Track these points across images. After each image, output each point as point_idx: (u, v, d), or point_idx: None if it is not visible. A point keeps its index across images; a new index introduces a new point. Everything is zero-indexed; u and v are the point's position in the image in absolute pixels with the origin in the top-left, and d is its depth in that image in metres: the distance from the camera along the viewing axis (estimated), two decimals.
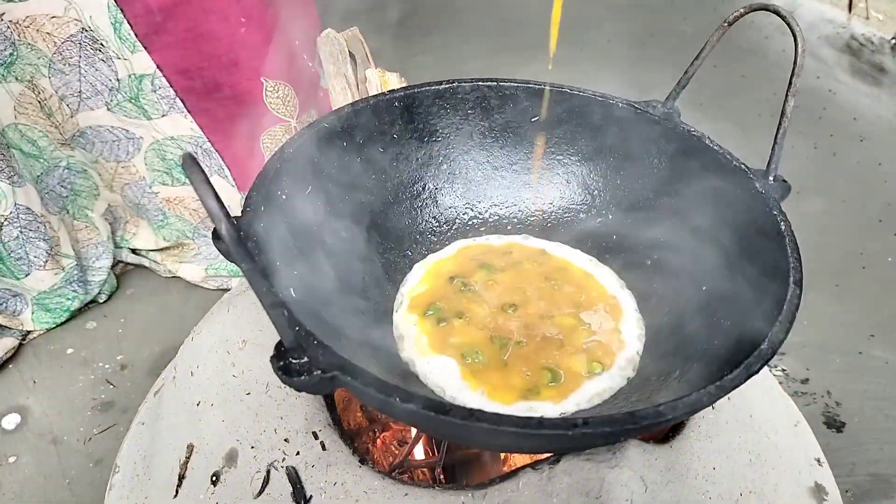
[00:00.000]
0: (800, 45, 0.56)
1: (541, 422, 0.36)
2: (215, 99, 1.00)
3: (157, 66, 0.95)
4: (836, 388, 1.04)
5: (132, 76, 0.97)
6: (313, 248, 0.56)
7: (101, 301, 1.17)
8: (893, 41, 1.87)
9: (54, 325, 1.11)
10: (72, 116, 1.02)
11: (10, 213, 1.00)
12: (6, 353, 1.05)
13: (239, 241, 0.34)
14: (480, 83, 0.67)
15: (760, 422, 0.60)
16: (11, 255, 1.02)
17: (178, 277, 1.22)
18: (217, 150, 1.06)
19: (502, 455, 0.60)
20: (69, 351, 1.09)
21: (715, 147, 0.59)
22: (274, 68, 1.00)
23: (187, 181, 1.08)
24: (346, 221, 0.61)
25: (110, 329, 1.13)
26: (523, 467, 0.48)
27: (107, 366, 1.07)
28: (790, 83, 0.57)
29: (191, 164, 0.35)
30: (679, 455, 0.51)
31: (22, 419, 0.98)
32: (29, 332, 1.10)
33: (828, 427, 0.99)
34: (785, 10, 0.57)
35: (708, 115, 1.60)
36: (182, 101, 1.00)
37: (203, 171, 0.35)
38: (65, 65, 0.96)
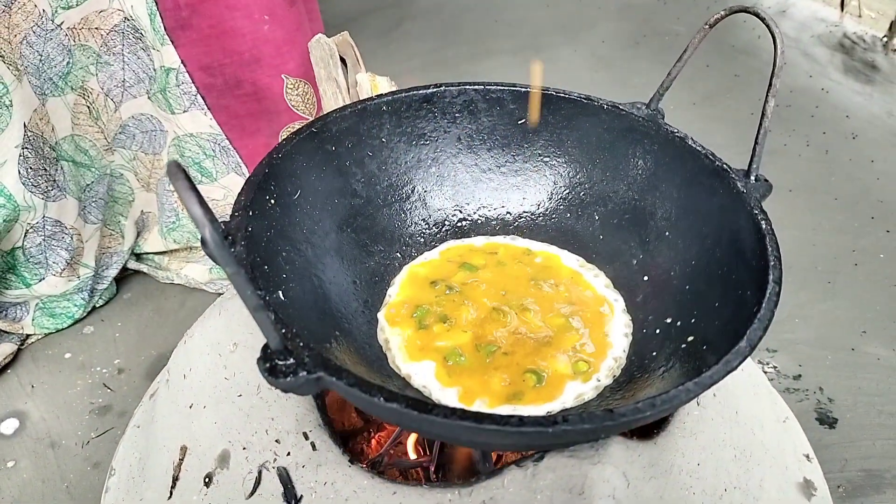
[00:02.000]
0: (779, 47, 0.56)
1: (521, 420, 0.37)
2: (236, 96, 1.01)
3: (182, 62, 0.97)
4: (829, 385, 1.04)
5: (163, 67, 0.99)
6: (302, 251, 0.57)
7: (99, 306, 1.18)
8: (885, 39, 1.88)
9: (54, 331, 1.12)
10: (115, 111, 1.03)
11: (38, 223, 1.01)
12: (5, 359, 1.06)
13: (223, 245, 0.34)
14: (467, 87, 0.68)
15: (746, 418, 0.61)
16: (30, 260, 1.03)
17: (175, 283, 1.22)
18: (235, 148, 1.07)
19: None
20: (67, 355, 1.10)
21: (697, 147, 0.60)
22: (295, 66, 1.02)
23: (204, 180, 1.10)
24: (335, 224, 0.62)
25: (107, 334, 1.14)
26: (508, 464, 0.48)
27: (104, 370, 1.07)
28: (770, 84, 0.57)
29: (175, 170, 0.35)
30: (663, 451, 0.51)
31: (20, 424, 0.99)
32: (27, 337, 1.11)
33: (820, 423, 0.99)
34: (765, 11, 0.58)
35: (701, 114, 1.61)
36: (203, 97, 1.01)
37: (189, 178, 0.35)
38: (110, 55, 0.99)
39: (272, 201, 0.55)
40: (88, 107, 1.01)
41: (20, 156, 0.94)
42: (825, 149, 1.56)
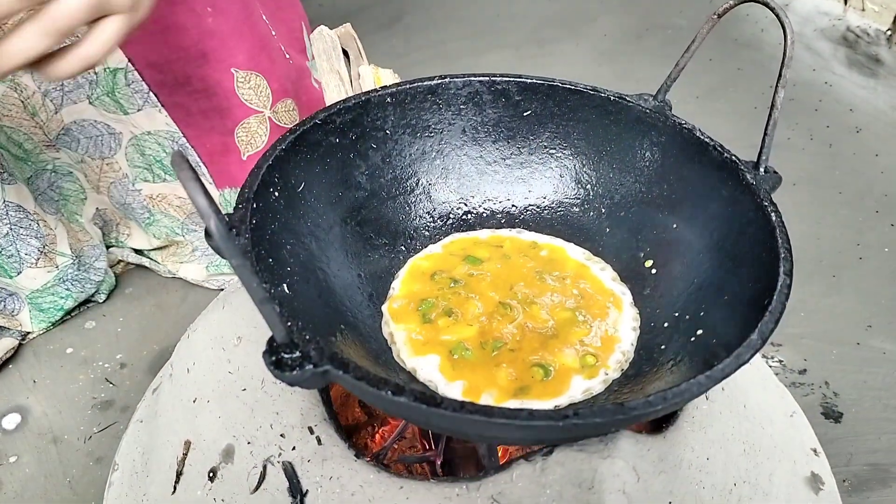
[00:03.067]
0: (789, 37, 0.56)
1: (532, 413, 0.37)
2: (187, 93, 0.99)
3: (129, 60, 0.94)
4: (834, 379, 1.04)
5: (107, 69, 0.96)
6: (306, 244, 0.57)
7: (100, 301, 1.17)
8: (889, 33, 1.87)
9: (50, 325, 1.11)
10: (56, 113, 1.01)
11: (0, 209, 0.99)
12: (6, 354, 1.05)
13: (229, 237, 0.34)
14: (473, 78, 0.67)
15: (755, 412, 0.61)
16: (3, 252, 1.01)
17: (177, 277, 1.22)
18: (192, 146, 1.05)
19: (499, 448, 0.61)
20: (69, 350, 1.09)
21: (706, 139, 0.60)
22: (244, 58, 0.98)
23: (168, 177, 1.08)
24: (339, 217, 0.62)
25: (109, 328, 1.13)
26: (517, 459, 0.48)
27: (106, 365, 1.07)
28: (780, 75, 0.57)
29: (179, 160, 0.35)
30: (672, 445, 0.51)
31: (22, 419, 0.99)
32: (28, 333, 1.10)
33: (825, 417, 0.99)
34: (774, 1, 0.57)
35: (704, 107, 1.60)
36: (155, 94, 0.98)
37: (192, 168, 0.35)
38: None
39: (276, 193, 0.54)
40: (23, 102, 0.98)
41: None
42: (829, 142, 1.55)
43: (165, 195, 1.12)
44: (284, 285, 0.49)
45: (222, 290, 1.18)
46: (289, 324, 0.40)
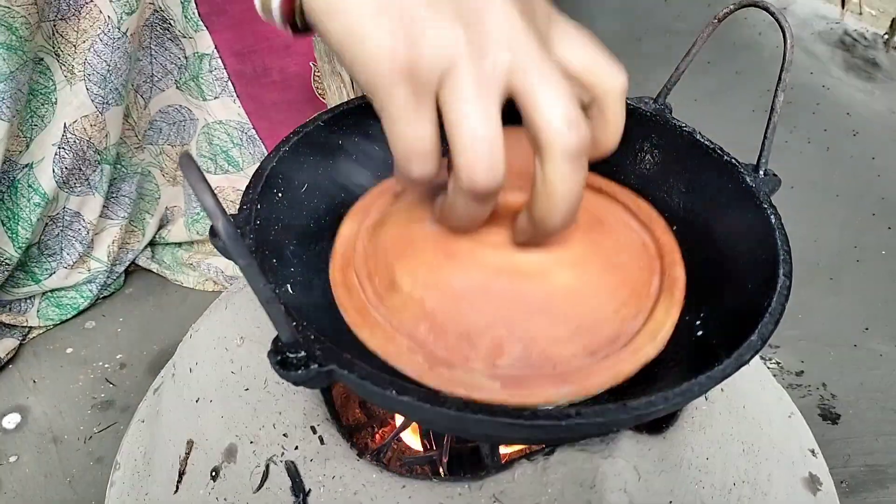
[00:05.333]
0: (788, 41, 0.56)
1: (535, 413, 0.37)
2: (263, 84, 1.01)
3: (216, 47, 0.97)
4: (832, 381, 1.05)
5: (196, 54, 0.99)
6: (311, 246, 0.57)
7: (103, 297, 1.17)
8: (886, 37, 1.88)
9: (59, 322, 1.12)
10: (145, 108, 1.03)
11: (58, 213, 1.02)
12: (7, 354, 1.06)
13: (237, 236, 0.34)
14: None
15: (754, 413, 0.61)
16: (45, 252, 1.03)
17: (184, 286, 1.22)
18: (261, 139, 1.07)
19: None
20: (68, 350, 1.09)
21: (706, 142, 0.60)
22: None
23: (231, 169, 1.10)
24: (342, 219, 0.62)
25: (109, 328, 1.14)
26: (519, 458, 0.48)
27: (106, 365, 1.07)
28: (779, 79, 0.57)
29: (187, 162, 0.35)
30: (672, 445, 0.51)
31: (22, 419, 0.99)
32: (29, 332, 1.10)
33: (823, 419, 0.99)
34: (774, 6, 0.58)
35: (702, 111, 1.61)
36: (233, 84, 1.01)
37: (199, 170, 0.35)
38: (140, 51, 0.98)
39: (279, 194, 0.54)
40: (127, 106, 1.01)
41: (55, 154, 0.94)
42: (826, 146, 1.56)
43: (223, 188, 1.14)
44: (288, 286, 0.50)
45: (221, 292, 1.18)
46: (294, 323, 0.40)
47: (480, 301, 0.46)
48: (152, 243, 1.21)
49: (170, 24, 0.96)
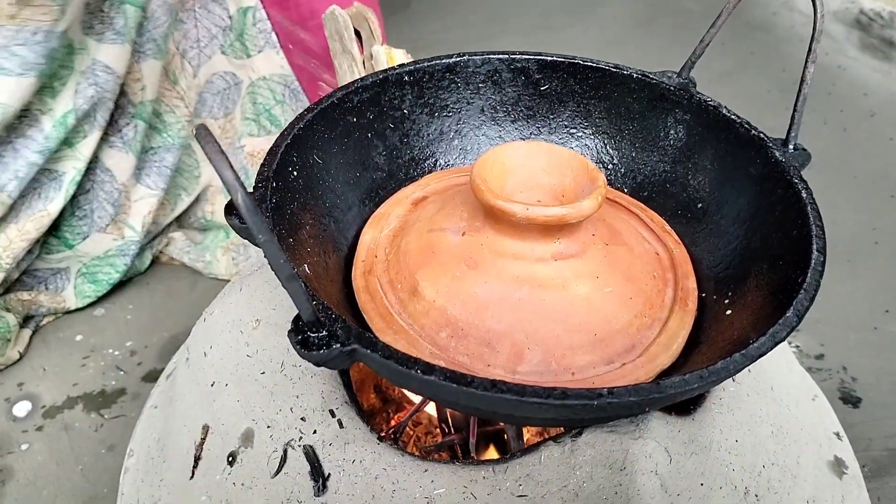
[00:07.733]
0: (819, 9, 0.54)
1: (565, 392, 0.36)
2: (309, 28, 0.99)
3: None
4: (852, 364, 1.03)
5: (240, 10, 0.98)
6: (325, 224, 0.56)
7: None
8: None
9: (95, 299, 1.10)
10: (195, 76, 1.01)
11: (90, 167, 1.00)
12: (24, 349, 1.05)
13: (257, 210, 0.33)
14: (492, 56, 0.66)
15: (781, 395, 0.60)
16: (76, 213, 1.01)
17: (184, 265, 1.21)
18: (305, 91, 1.06)
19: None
20: (78, 338, 1.09)
21: (732, 116, 0.58)
22: None
23: (273, 129, 1.08)
24: (358, 199, 0.60)
25: (118, 316, 1.13)
26: (545, 440, 0.47)
27: (116, 352, 1.06)
28: (809, 49, 0.55)
29: (205, 134, 0.34)
30: (701, 427, 0.50)
31: (33, 406, 0.98)
32: (42, 319, 1.09)
33: (844, 402, 0.98)
34: None
35: (717, 91, 1.57)
36: (277, 35, 0.99)
37: (217, 142, 0.34)
38: (185, 13, 0.97)
39: (294, 173, 0.53)
40: (164, 68, 0.99)
41: (78, 84, 0.92)
42: (843, 126, 1.54)
43: (264, 149, 1.12)
44: (306, 266, 0.48)
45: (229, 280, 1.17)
46: (315, 302, 0.39)
47: (501, 310, 0.47)
48: (207, 225, 1.20)
49: None
